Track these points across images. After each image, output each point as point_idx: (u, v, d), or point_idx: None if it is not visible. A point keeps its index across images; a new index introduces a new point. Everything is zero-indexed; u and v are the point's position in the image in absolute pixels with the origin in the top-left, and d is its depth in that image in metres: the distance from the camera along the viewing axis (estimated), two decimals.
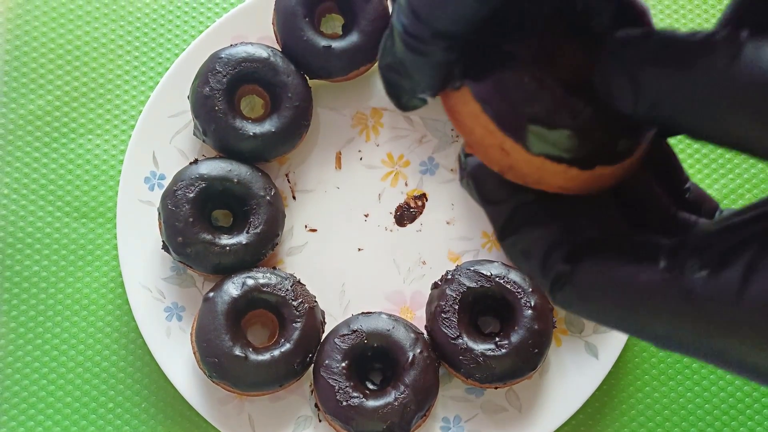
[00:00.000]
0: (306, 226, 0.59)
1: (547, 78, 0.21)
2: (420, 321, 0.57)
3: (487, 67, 0.22)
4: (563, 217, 0.22)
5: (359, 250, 0.59)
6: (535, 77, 0.21)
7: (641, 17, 0.22)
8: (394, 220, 0.60)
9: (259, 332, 0.56)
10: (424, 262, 0.59)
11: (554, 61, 0.22)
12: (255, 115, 0.60)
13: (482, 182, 0.24)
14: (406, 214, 0.60)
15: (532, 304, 0.52)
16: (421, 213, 0.60)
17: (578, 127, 0.21)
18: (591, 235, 0.22)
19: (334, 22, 0.62)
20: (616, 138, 0.22)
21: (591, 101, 0.21)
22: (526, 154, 0.22)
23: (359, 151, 0.61)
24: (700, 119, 0.18)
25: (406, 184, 0.60)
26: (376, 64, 0.61)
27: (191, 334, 0.54)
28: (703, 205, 0.24)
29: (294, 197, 0.60)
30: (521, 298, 0.53)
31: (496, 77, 0.22)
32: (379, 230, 0.59)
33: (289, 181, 0.60)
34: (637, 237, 0.22)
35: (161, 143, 0.59)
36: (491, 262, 0.55)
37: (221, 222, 0.58)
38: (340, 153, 0.61)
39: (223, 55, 0.56)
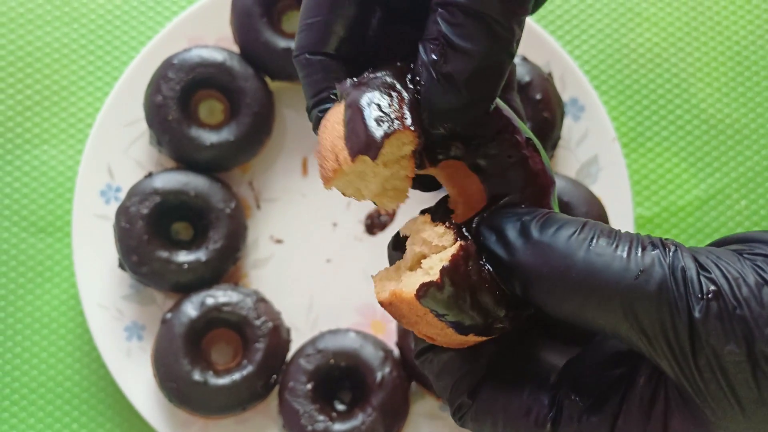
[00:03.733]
0: (271, 237, 0.55)
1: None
2: (392, 334, 0.53)
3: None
4: None
5: (328, 261, 0.55)
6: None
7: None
8: (364, 228, 0.55)
9: (224, 349, 0.52)
10: None
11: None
12: (215, 120, 0.55)
13: None
14: (376, 223, 0.56)
15: None
16: (392, 221, 0.56)
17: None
18: (490, 356, 0.25)
19: (296, 20, 0.56)
20: (495, 319, 0.24)
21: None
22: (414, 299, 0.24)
23: None
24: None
25: None
26: None
27: (151, 357, 0.50)
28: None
29: (258, 206, 0.56)
30: None
31: None
32: (348, 240, 0.55)
33: (252, 190, 0.56)
34: (529, 363, 0.25)
35: (117, 154, 0.54)
36: None
37: (182, 235, 0.54)
38: (306, 159, 0.56)
39: (175, 61, 0.51)
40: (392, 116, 0.24)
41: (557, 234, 0.22)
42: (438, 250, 0.24)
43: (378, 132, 0.23)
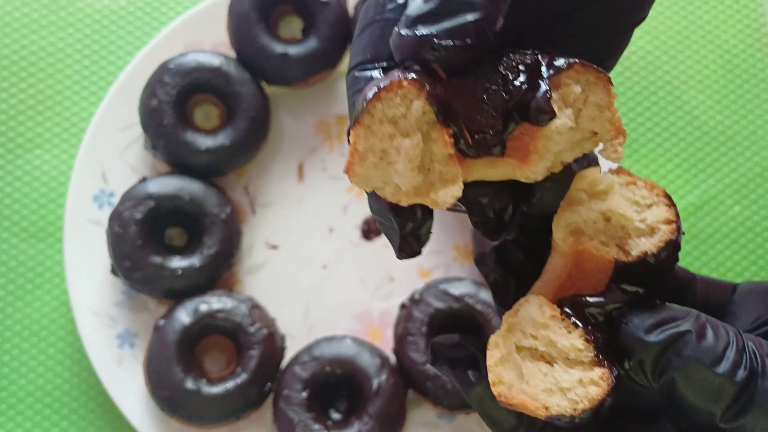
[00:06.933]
0: (266, 243, 0.53)
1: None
2: (389, 341, 0.50)
3: None
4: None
5: (324, 267, 0.52)
6: None
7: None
8: (360, 233, 0.53)
9: (218, 357, 0.50)
10: (392, 279, 0.52)
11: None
12: (211, 124, 0.53)
13: (491, 410, 0.24)
14: (372, 228, 0.53)
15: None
16: None
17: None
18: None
19: (294, 25, 0.55)
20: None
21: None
22: None
23: (323, 161, 0.54)
24: None
25: None
26: (335, 70, 0.54)
27: (143, 365, 0.47)
28: None
29: (253, 211, 0.53)
30: (491, 319, 0.46)
31: None
32: (344, 245, 0.53)
33: (248, 195, 0.53)
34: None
35: (111, 158, 0.52)
36: (461, 279, 0.49)
37: (176, 240, 0.51)
38: (302, 164, 0.54)
39: (171, 65, 0.49)
40: (390, 76, 0.21)
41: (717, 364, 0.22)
42: (572, 364, 0.23)
43: (370, 92, 0.21)
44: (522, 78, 0.21)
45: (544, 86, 0.21)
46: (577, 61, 0.22)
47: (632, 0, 0.25)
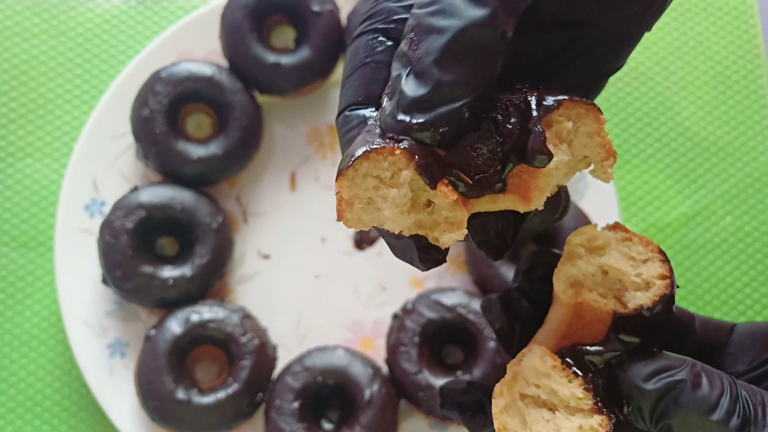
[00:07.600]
0: (259, 252, 0.53)
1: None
2: (381, 351, 0.50)
3: None
4: None
5: (316, 276, 0.52)
6: None
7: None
8: (353, 243, 0.53)
9: (209, 367, 0.49)
10: (384, 289, 0.52)
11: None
12: (203, 133, 0.53)
13: None
14: (365, 237, 0.53)
15: (494, 336, 0.46)
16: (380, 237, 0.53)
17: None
18: None
19: (286, 35, 0.55)
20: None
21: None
22: None
23: (315, 170, 0.54)
24: None
25: None
26: (328, 79, 0.54)
27: (134, 375, 0.47)
28: None
29: (245, 221, 0.53)
30: (483, 329, 0.46)
31: None
32: (337, 255, 0.53)
33: (240, 204, 0.53)
34: None
35: (102, 167, 0.52)
36: (453, 290, 0.49)
37: (167, 249, 0.51)
38: (294, 173, 0.54)
39: (163, 75, 0.49)
40: (382, 141, 0.22)
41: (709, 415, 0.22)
42: (572, 411, 0.24)
43: (358, 151, 0.22)
44: (513, 119, 0.22)
45: (538, 128, 0.22)
46: (566, 98, 0.23)
47: (611, 51, 0.26)
